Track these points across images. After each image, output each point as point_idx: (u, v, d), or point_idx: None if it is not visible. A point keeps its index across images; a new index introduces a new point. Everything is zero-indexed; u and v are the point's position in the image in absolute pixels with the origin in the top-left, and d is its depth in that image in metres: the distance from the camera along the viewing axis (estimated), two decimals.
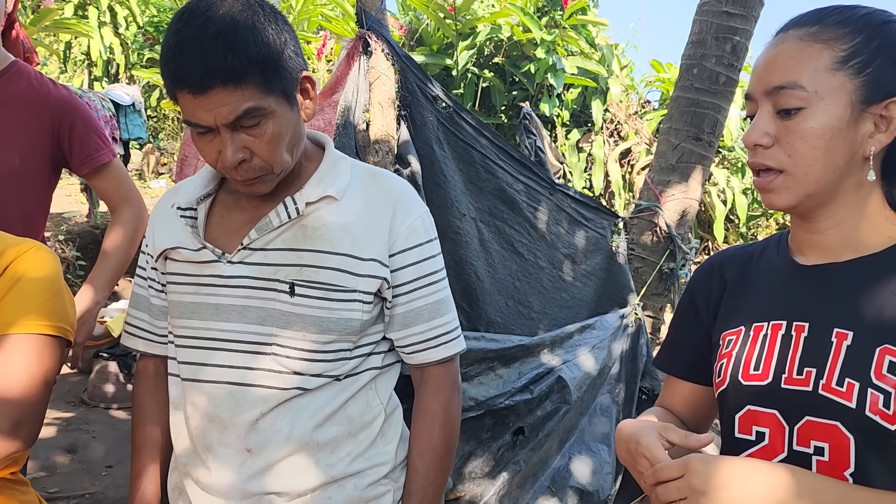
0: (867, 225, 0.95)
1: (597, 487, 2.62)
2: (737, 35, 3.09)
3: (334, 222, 1.18)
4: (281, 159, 1.13)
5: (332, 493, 1.18)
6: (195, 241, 1.19)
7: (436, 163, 2.26)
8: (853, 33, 0.90)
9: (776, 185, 0.94)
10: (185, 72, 1.04)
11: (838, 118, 0.89)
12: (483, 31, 5.63)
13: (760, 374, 0.96)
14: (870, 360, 0.87)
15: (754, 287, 1.05)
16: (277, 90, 1.09)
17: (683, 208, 3.18)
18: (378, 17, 2.09)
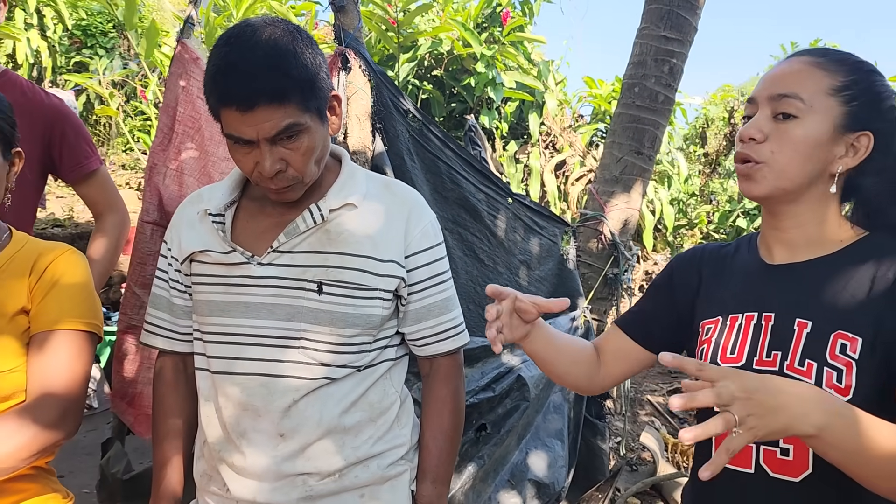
0: (824, 230, 1.12)
1: (552, 480, 2.78)
2: (674, 58, 3.33)
3: (355, 227, 1.29)
4: (311, 170, 1.23)
5: (358, 473, 1.29)
6: (224, 244, 1.28)
7: (407, 173, 2.38)
8: (849, 71, 1.09)
9: (757, 175, 1.10)
10: (233, 90, 1.13)
11: (822, 133, 1.07)
12: (424, 44, 5.78)
13: (736, 356, 1.12)
14: (825, 344, 1.03)
15: (729, 282, 1.21)
16: (313, 108, 1.19)
17: (626, 217, 3.40)
18: (355, 35, 2.20)
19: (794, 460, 1.05)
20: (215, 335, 1.29)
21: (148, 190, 2.57)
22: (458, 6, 6.18)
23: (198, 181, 2.46)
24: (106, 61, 7.38)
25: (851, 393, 1.00)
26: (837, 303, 1.06)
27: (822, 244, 1.12)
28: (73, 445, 3.60)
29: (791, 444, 1.05)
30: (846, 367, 1.01)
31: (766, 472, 1.07)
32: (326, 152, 1.28)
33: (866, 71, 1.10)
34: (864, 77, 1.09)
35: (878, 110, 1.09)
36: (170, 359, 1.41)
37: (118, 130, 7.18)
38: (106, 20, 7.67)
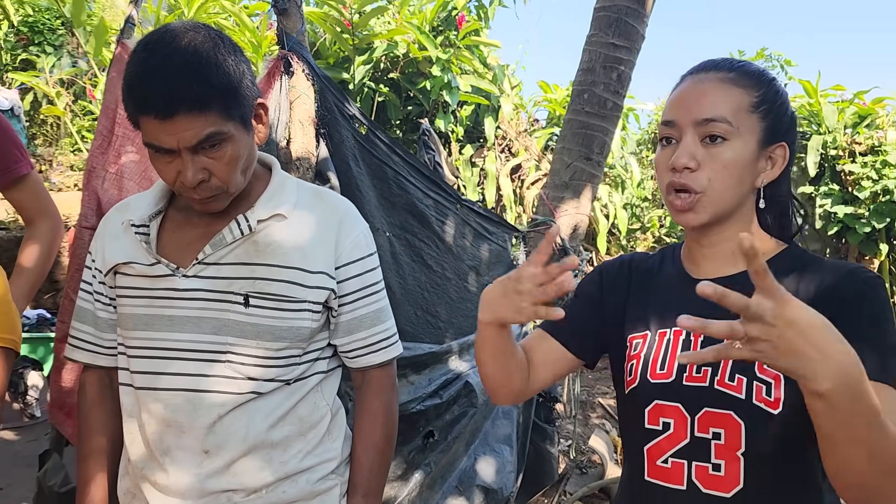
0: None
1: (500, 485, 2.78)
2: (622, 65, 3.37)
3: (284, 238, 1.26)
4: (236, 180, 1.21)
5: (285, 488, 1.27)
6: (148, 256, 1.24)
7: (352, 179, 2.36)
8: (761, 84, 1.09)
9: (695, 205, 1.08)
10: (151, 98, 1.10)
11: (750, 152, 1.07)
12: (380, 46, 5.75)
13: (665, 373, 1.11)
14: None
15: (655, 297, 1.20)
16: (236, 116, 1.17)
17: (576, 223, 3.42)
18: (298, 39, 2.17)
19: (725, 476, 1.05)
20: (139, 349, 1.25)
21: (86, 194, 2.50)
22: (414, 9, 6.17)
23: (138, 185, 2.40)
24: (53, 59, 7.20)
25: (781, 406, 1.01)
26: None
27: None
28: (12, 456, 3.49)
29: (722, 460, 1.05)
30: (774, 380, 1.02)
31: (699, 489, 1.07)
32: (253, 161, 1.26)
33: (771, 80, 1.11)
34: (772, 88, 1.10)
35: (787, 120, 1.11)
36: (94, 374, 1.37)
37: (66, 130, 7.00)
38: (54, 17, 7.48)
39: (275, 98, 2.13)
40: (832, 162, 5.33)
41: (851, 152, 5.26)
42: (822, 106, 5.42)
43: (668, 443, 1.10)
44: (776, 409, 1.01)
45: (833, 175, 5.33)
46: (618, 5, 3.32)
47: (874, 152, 5.16)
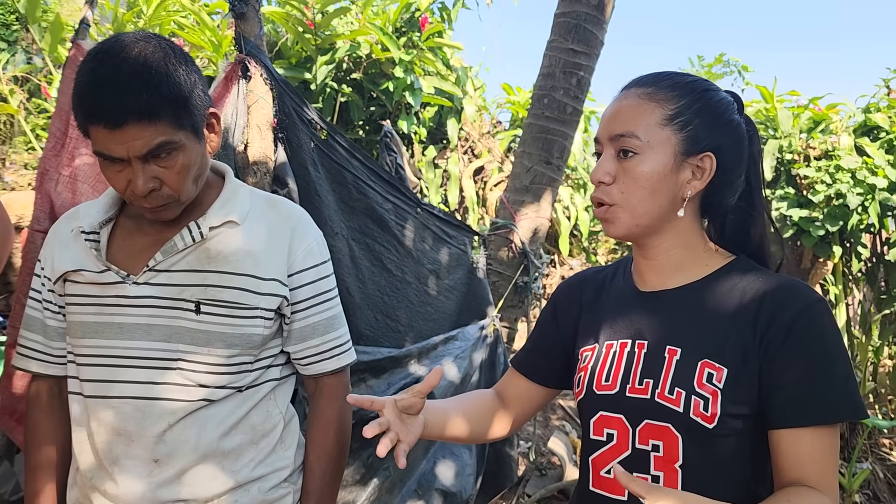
0: (691, 255, 1.15)
1: (459, 488, 2.80)
2: (581, 70, 3.41)
3: (236, 245, 1.26)
4: (187, 189, 1.21)
5: (237, 497, 1.26)
6: (98, 263, 1.23)
7: (311, 183, 2.35)
8: (680, 96, 1.10)
9: (611, 215, 1.12)
10: (101, 108, 1.10)
11: (664, 165, 1.09)
12: (342, 47, 5.72)
13: (610, 384, 1.14)
14: (693, 372, 1.06)
15: (605, 309, 1.23)
16: (187, 126, 1.17)
17: (536, 226, 3.45)
18: (256, 43, 2.16)
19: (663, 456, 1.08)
20: (88, 357, 1.24)
21: (39, 197, 2.45)
22: (377, 10, 6.15)
23: (92, 189, 2.37)
24: (7, 56, 7.03)
25: (716, 421, 1.03)
26: (704, 331, 1.09)
27: (690, 270, 1.15)
28: None
29: (661, 472, 1.08)
30: (712, 395, 1.04)
31: (639, 500, 1.07)
32: (205, 170, 1.25)
33: (699, 91, 1.12)
34: (697, 98, 1.11)
35: (716, 127, 1.11)
36: (44, 383, 1.35)
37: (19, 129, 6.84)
38: (8, 12, 7.30)
39: (232, 102, 2.11)
40: (788, 166, 5.44)
41: (806, 157, 5.38)
42: (777, 111, 5.53)
43: (612, 454, 1.13)
44: (711, 423, 1.03)
45: (788, 179, 5.44)
46: (577, 12, 3.37)
47: (828, 157, 5.28)
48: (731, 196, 1.15)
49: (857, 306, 5.66)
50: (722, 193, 1.14)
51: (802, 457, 1.02)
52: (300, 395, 2.29)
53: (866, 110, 5.48)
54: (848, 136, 5.27)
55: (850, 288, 5.54)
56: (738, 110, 1.16)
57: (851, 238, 5.06)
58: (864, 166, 4.92)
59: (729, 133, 1.12)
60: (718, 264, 1.15)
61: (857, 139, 5.22)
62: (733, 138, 1.12)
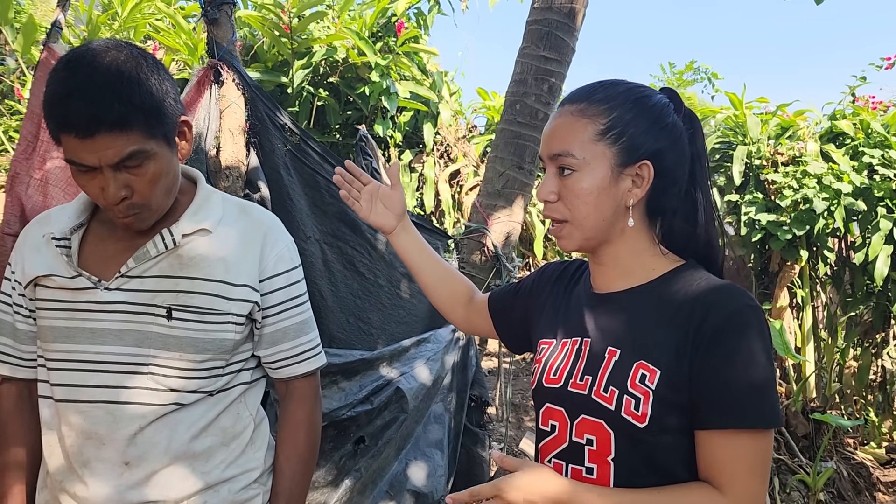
0: (637, 261, 1.18)
1: (431, 489, 2.83)
2: (552, 77, 3.46)
3: (208, 252, 1.29)
4: (157, 198, 1.22)
5: (207, 498, 1.28)
6: (69, 268, 1.25)
7: (283, 188, 2.38)
8: (612, 109, 1.13)
9: (563, 232, 1.17)
10: (72, 117, 1.11)
11: (601, 178, 1.12)
12: (319, 51, 5.74)
13: (556, 378, 1.19)
14: (628, 372, 1.10)
15: (567, 306, 1.28)
16: (159, 134, 1.18)
17: (508, 230, 3.49)
18: (229, 48, 2.18)
19: (597, 479, 1.12)
20: (59, 362, 1.26)
21: (9, 200, 2.45)
22: (354, 14, 6.17)
23: (63, 192, 2.37)
24: None
25: (647, 421, 1.07)
26: (643, 333, 1.13)
27: (637, 274, 1.18)
28: None
29: (595, 464, 1.12)
30: (644, 395, 1.08)
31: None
32: (176, 179, 1.27)
33: (632, 101, 1.14)
34: (629, 109, 1.13)
35: (652, 133, 1.13)
36: (13, 386, 1.37)
37: None
38: None
39: (204, 107, 2.14)
40: (756, 171, 5.54)
41: (774, 162, 5.48)
42: (746, 117, 5.64)
43: (553, 444, 1.19)
44: (643, 423, 1.07)
45: (757, 184, 5.54)
46: (549, 19, 3.42)
47: (795, 162, 5.39)
48: (675, 197, 1.17)
49: (823, 309, 5.77)
50: (666, 196, 1.16)
51: (714, 458, 1.05)
52: (271, 398, 2.31)
53: (832, 117, 5.61)
54: (814, 142, 5.38)
55: (816, 291, 5.65)
56: (675, 110, 1.17)
57: (818, 242, 5.17)
58: (830, 172, 5.03)
59: (665, 136, 1.14)
60: (665, 269, 1.18)
61: (823, 145, 5.34)
62: (670, 140, 1.15)
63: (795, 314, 5.57)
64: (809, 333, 5.30)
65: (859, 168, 5.04)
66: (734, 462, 1.04)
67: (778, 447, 4.27)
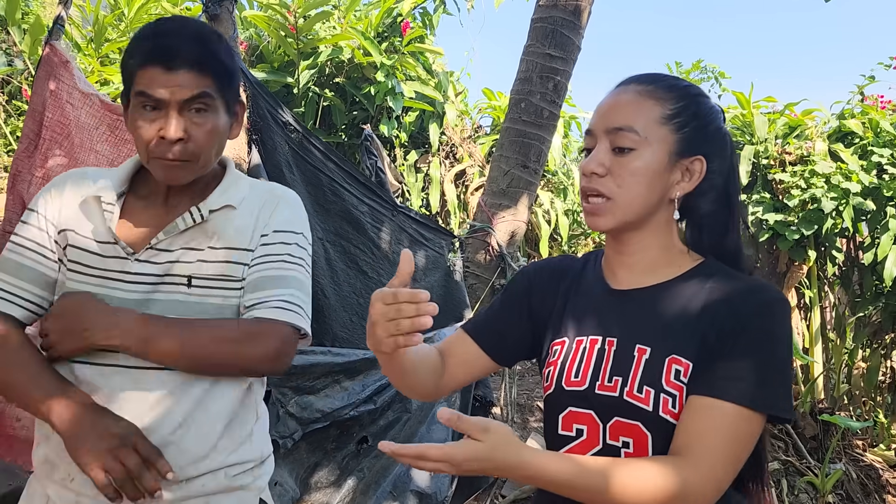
0: (665, 256, 1.16)
1: (434, 490, 2.81)
2: (558, 75, 3.45)
3: (230, 224, 1.32)
4: (209, 152, 1.28)
5: (205, 482, 1.30)
6: (107, 234, 1.28)
7: (285, 185, 2.36)
8: (678, 98, 1.12)
9: (603, 209, 1.12)
10: (159, 50, 1.22)
11: (659, 162, 1.10)
12: (325, 51, 5.74)
13: (579, 380, 1.14)
14: (661, 370, 1.07)
15: (576, 304, 1.22)
16: (226, 96, 1.28)
17: (513, 229, 3.48)
18: (230, 44, 2.17)
19: (634, 452, 1.09)
20: None
21: (10, 199, 2.45)
22: (360, 14, 6.17)
23: None
24: None
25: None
26: (672, 329, 1.10)
27: (663, 270, 1.16)
28: None
29: (631, 438, 1.09)
30: (679, 392, 1.06)
31: None
32: (223, 148, 1.34)
33: (694, 95, 1.14)
34: (693, 102, 1.13)
35: (707, 133, 1.13)
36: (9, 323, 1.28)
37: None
38: None
39: None
40: (764, 171, 5.51)
41: (782, 162, 5.45)
42: (754, 117, 5.60)
43: (581, 448, 1.13)
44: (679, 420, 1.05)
45: (764, 183, 5.50)
46: (554, 17, 3.40)
47: (803, 162, 5.35)
48: (709, 202, 1.16)
49: (831, 309, 5.73)
50: (702, 198, 1.15)
51: (692, 425, 1.03)
52: (273, 397, 2.30)
53: (840, 116, 5.57)
54: (822, 141, 5.34)
55: (824, 291, 5.61)
56: (723, 120, 1.18)
57: (826, 242, 5.13)
58: (839, 171, 4.99)
59: (717, 140, 1.14)
60: (688, 266, 1.16)
61: (831, 145, 5.30)
62: (720, 146, 1.14)
63: (803, 315, 5.52)
64: (817, 334, 5.26)
65: (868, 167, 5.00)
66: (712, 435, 1.01)
67: (786, 449, 4.23)
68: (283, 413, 2.27)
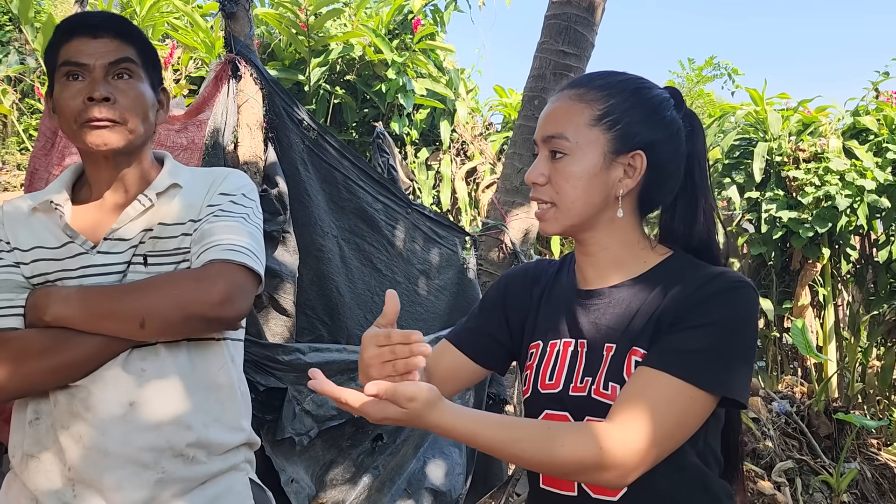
0: (628, 252, 1.16)
1: (449, 487, 2.81)
2: (571, 72, 3.43)
3: (178, 201, 1.36)
4: (135, 118, 1.32)
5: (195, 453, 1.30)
6: (59, 237, 1.31)
7: (301, 183, 2.36)
8: (610, 95, 1.12)
9: (548, 215, 1.14)
10: (86, 21, 1.32)
11: (594, 164, 1.10)
12: (336, 48, 5.74)
13: (554, 383, 1.15)
14: (623, 364, 1.08)
15: (549, 307, 1.23)
16: (150, 70, 1.36)
17: (527, 227, 3.47)
18: (247, 43, 2.17)
19: None
20: None
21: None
22: (371, 12, 6.17)
23: None
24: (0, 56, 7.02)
25: None
26: (634, 322, 1.11)
27: (628, 267, 1.16)
28: None
29: None
30: None
31: (588, 494, 1.10)
32: (151, 125, 1.38)
33: (630, 90, 1.13)
34: (627, 98, 1.12)
35: (648, 124, 1.12)
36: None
37: (13, 129, 6.83)
38: (0, 13, 7.29)
39: (222, 102, 2.13)
40: (777, 168, 5.48)
41: (796, 159, 5.42)
42: (767, 114, 5.57)
43: None
44: None
45: (778, 181, 5.48)
46: (568, 14, 3.39)
47: (817, 159, 5.32)
48: (669, 193, 1.16)
49: (845, 307, 5.70)
50: (658, 190, 1.15)
51: (627, 391, 1.03)
52: (289, 395, 2.30)
53: (855, 113, 5.53)
54: (837, 138, 5.31)
55: (838, 289, 5.58)
56: (675, 106, 1.16)
57: (840, 240, 5.11)
58: (853, 168, 4.96)
59: (662, 129, 1.13)
60: (656, 260, 1.16)
61: (845, 142, 5.26)
62: (667, 134, 1.13)
63: (817, 313, 5.50)
64: (831, 332, 5.23)
65: (883, 164, 4.97)
66: (645, 403, 1.00)
67: (800, 447, 4.21)
68: (299, 410, 2.27)
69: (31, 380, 1.24)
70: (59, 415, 1.25)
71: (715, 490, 1.12)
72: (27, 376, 1.23)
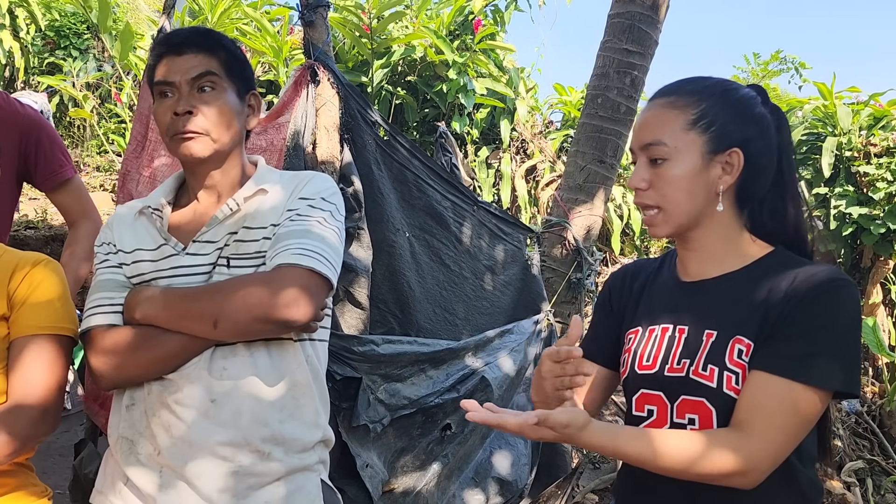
0: (730, 247, 1.23)
1: (515, 477, 2.88)
2: (635, 70, 3.45)
3: (263, 205, 1.41)
4: (219, 128, 1.38)
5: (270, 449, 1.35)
6: (156, 239, 1.40)
7: (374, 182, 2.47)
8: (701, 100, 1.19)
9: (657, 220, 1.21)
10: (169, 41, 1.41)
11: (693, 166, 1.18)
12: (398, 50, 5.86)
13: (650, 364, 1.24)
14: (725, 349, 1.15)
15: (651, 297, 1.32)
16: (234, 79, 1.41)
17: (589, 224, 3.51)
18: (324, 49, 2.28)
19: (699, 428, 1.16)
20: None
21: (122, 196, 2.63)
22: (431, 13, 6.27)
23: None
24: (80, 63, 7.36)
25: None
26: (737, 313, 1.18)
27: (730, 260, 1.23)
28: (46, 446, 3.62)
29: (696, 415, 1.17)
30: (741, 370, 1.13)
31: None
32: (239, 132, 1.44)
33: (719, 93, 1.20)
34: (717, 100, 1.19)
35: (740, 122, 1.19)
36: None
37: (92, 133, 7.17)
38: (80, 21, 7.64)
39: (301, 106, 2.25)
40: (847, 163, 5.36)
41: (866, 154, 5.29)
42: (836, 108, 5.46)
43: (653, 427, 1.22)
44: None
45: (848, 176, 5.36)
46: (631, 12, 3.41)
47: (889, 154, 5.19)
48: (764, 186, 1.22)
49: None
50: (755, 184, 1.21)
51: (749, 400, 1.10)
52: (364, 384, 2.41)
53: None
54: None
55: None
56: (762, 103, 1.22)
57: None
58: None
59: (753, 126, 1.19)
60: (757, 255, 1.22)
61: None
62: (758, 130, 1.20)
63: (889, 311, 5.36)
64: None
65: None
66: (774, 411, 1.07)
67: (871, 448, 4.14)
68: (373, 399, 2.37)
69: (125, 373, 1.34)
70: (152, 403, 1.34)
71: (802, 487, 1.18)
72: (121, 369, 1.33)
